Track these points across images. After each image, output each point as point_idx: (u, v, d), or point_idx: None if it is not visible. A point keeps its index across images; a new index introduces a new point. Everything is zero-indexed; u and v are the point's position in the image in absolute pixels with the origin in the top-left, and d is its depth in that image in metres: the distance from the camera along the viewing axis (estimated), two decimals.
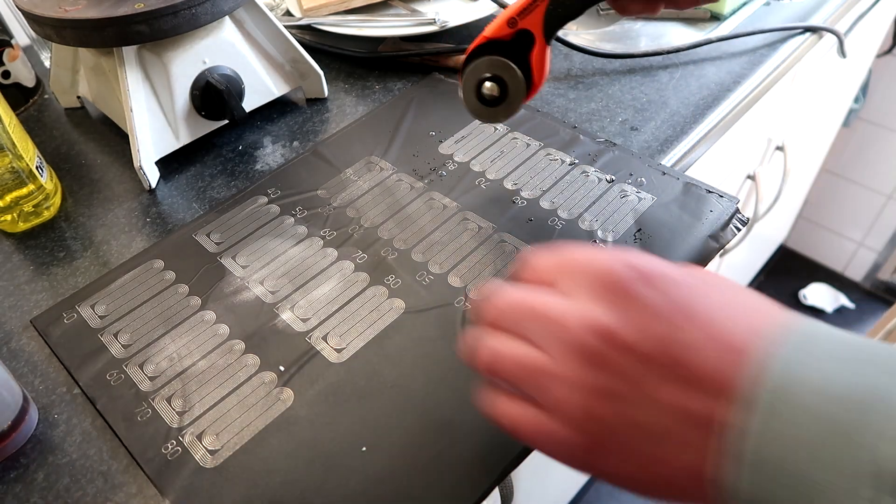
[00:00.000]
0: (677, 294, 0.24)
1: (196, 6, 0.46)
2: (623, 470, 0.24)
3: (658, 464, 0.23)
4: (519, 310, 0.27)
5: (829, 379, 0.20)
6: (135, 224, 0.48)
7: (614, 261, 0.25)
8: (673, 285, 0.24)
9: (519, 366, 0.26)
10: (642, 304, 0.24)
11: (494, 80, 0.41)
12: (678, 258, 0.40)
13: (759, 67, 0.58)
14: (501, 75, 0.41)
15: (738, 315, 0.23)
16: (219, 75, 0.50)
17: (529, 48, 0.40)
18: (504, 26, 0.40)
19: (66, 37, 0.46)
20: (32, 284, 0.44)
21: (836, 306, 1.54)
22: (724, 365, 0.22)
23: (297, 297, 0.41)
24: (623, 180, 0.46)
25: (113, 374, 0.38)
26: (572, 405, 0.24)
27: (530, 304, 0.26)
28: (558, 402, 0.25)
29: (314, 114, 0.57)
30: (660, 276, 0.24)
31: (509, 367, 0.26)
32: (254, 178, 0.51)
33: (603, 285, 0.25)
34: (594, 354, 0.24)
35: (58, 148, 0.57)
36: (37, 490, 0.34)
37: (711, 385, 0.22)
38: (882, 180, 1.43)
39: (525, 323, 0.26)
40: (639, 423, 0.23)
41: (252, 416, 0.35)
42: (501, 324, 0.27)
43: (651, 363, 0.23)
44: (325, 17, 0.64)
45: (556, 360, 0.25)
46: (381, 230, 0.45)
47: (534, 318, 0.26)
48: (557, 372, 0.24)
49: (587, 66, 0.60)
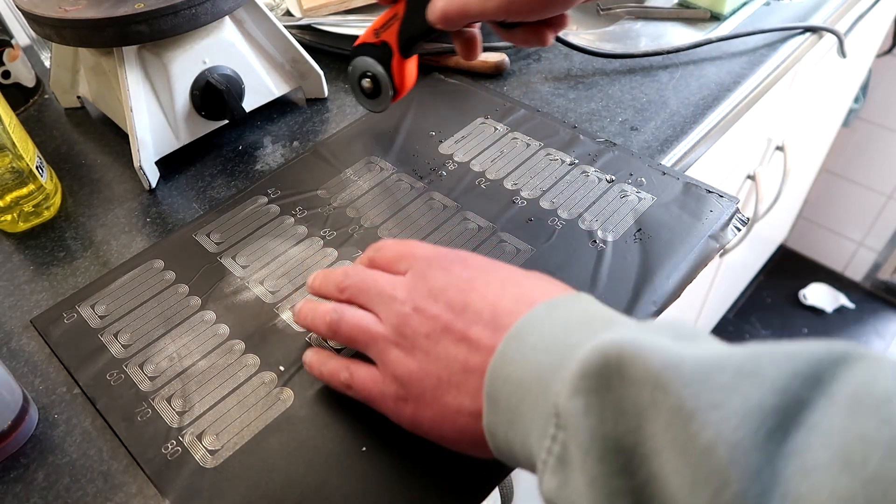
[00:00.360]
0: (475, 272, 0.31)
1: (196, 6, 0.46)
2: (427, 417, 0.29)
3: (450, 411, 0.29)
4: (364, 283, 0.33)
5: (552, 335, 0.26)
6: (135, 224, 0.48)
7: (438, 251, 0.33)
8: (473, 268, 0.32)
9: (360, 329, 0.32)
10: (447, 283, 0.31)
11: (369, 77, 0.48)
12: (678, 258, 0.40)
13: (759, 67, 0.58)
14: (375, 74, 0.47)
15: (511, 293, 0.30)
16: (219, 75, 0.50)
17: (391, 57, 0.46)
18: (371, 34, 0.46)
19: (66, 37, 0.46)
20: (32, 284, 0.44)
21: (836, 306, 1.54)
22: (492, 330, 0.28)
23: (297, 297, 0.41)
24: (623, 180, 0.46)
25: (113, 374, 0.38)
26: (396, 362, 0.30)
27: (374, 278, 0.33)
28: (387, 361, 0.31)
29: (314, 114, 0.57)
30: (468, 259, 0.33)
31: (353, 330, 0.32)
32: (254, 178, 0.51)
33: (427, 266, 0.32)
34: (410, 321, 0.30)
35: (58, 148, 0.57)
36: (37, 490, 0.34)
37: (483, 344, 0.28)
38: (882, 180, 1.43)
39: (368, 294, 0.33)
40: (437, 374, 0.29)
41: (252, 416, 0.35)
42: (347, 293, 0.34)
43: (447, 329, 0.29)
44: (325, 17, 0.64)
45: (386, 326, 0.31)
46: (382, 230, 0.45)
47: (375, 292, 0.33)
48: (388, 335, 0.31)
49: (587, 66, 0.60)
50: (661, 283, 0.39)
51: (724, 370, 0.20)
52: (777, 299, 1.57)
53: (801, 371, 0.19)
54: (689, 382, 0.20)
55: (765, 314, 1.55)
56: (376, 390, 0.31)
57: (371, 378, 0.32)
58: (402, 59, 0.46)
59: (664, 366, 0.21)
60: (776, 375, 0.19)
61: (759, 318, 1.54)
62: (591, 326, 0.26)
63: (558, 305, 0.28)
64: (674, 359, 0.21)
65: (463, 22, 0.39)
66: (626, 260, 0.41)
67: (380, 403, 0.32)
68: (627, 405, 0.21)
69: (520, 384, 0.25)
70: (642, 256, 0.41)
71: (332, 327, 0.33)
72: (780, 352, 0.20)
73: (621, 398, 0.22)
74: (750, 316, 1.54)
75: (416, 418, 0.30)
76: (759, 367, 0.20)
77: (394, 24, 0.45)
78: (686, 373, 0.20)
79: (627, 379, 0.22)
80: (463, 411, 0.28)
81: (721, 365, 0.20)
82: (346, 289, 0.34)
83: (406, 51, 0.46)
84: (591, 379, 0.22)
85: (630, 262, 0.41)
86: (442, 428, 0.29)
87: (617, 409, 0.22)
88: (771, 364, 0.20)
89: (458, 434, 0.29)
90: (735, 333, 1.51)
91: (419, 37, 0.44)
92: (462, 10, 0.38)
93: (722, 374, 0.20)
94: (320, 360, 0.35)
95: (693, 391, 0.20)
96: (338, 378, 0.33)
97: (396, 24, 0.44)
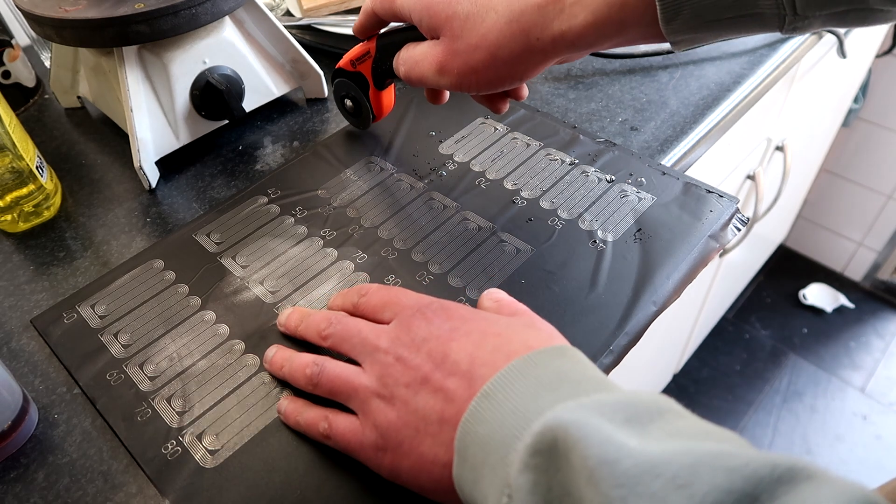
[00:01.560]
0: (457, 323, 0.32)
1: (196, 6, 0.46)
2: (405, 466, 0.29)
3: (426, 461, 0.29)
4: (348, 331, 0.34)
5: (520, 397, 0.26)
6: (135, 224, 0.48)
7: (421, 301, 0.34)
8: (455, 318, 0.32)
9: (342, 381, 0.32)
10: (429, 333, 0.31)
11: (351, 98, 0.50)
12: (678, 258, 0.40)
13: (759, 67, 0.58)
14: (356, 96, 0.49)
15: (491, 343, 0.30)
16: (219, 75, 0.50)
17: (368, 87, 0.48)
18: (348, 63, 0.48)
19: (66, 37, 0.46)
20: (32, 284, 0.44)
21: (835, 306, 1.54)
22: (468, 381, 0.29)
23: (297, 297, 0.41)
24: (623, 180, 0.46)
25: (113, 374, 0.38)
26: (378, 412, 0.30)
27: (358, 328, 0.33)
28: (368, 411, 0.31)
29: (314, 114, 0.57)
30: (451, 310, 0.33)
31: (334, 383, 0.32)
32: (254, 178, 0.51)
33: (410, 316, 0.32)
34: (393, 370, 0.31)
35: (58, 148, 0.57)
36: (37, 490, 0.34)
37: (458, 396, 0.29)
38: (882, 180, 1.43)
39: (351, 343, 0.33)
40: (415, 425, 0.29)
41: (252, 416, 0.35)
42: (330, 341, 0.34)
43: (426, 380, 0.30)
44: (325, 17, 0.64)
45: (369, 377, 0.31)
46: (381, 230, 0.45)
47: (359, 341, 0.33)
48: (371, 386, 0.31)
49: (587, 66, 0.60)
50: (661, 283, 0.39)
51: (659, 476, 0.20)
52: (777, 299, 1.57)
53: (736, 488, 0.19)
54: (619, 484, 0.20)
55: (765, 314, 1.55)
56: (356, 440, 0.31)
57: (351, 429, 0.31)
58: (378, 91, 0.48)
59: (600, 461, 0.20)
60: (707, 491, 0.19)
61: (759, 318, 1.54)
62: (559, 391, 0.26)
63: (534, 363, 0.28)
64: (611, 455, 0.21)
65: (424, 86, 0.42)
66: (626, 260, 0.41)
67: (359, 453, 0.31)
68: (572, 489, 0.21)
69: (485, 445, 0.26)
70: (642, 256, 0.41)
71: (312, 380, 0.33)
72: (722, 464, 0.20)
73: (566, 481, 0.22)
74: (750, 316, 1.55)
75: (394, 468, 0.30)
76: (695, 478, 0.19)
77: (367, 60, 0.46)
78: (619, 473, 0.20)
79: (571, 464, 0.22)
80: (438, 462, 0.28)
81: (657, 470, 0.20)
82: (328, 336, 0.34)
83: (380, 85, 0.48)
84: (541, 457, 0.23)
85: (630, 262, 0.41)
86: (419, 478, 0.29)
87: (563, 490, 0.22)
88: (707, 477, 0.19)
89: (435, 484, 0.29)
90: (735, 333, 1.51)
91: (391, 76, 0.46)
92: (420, 79, 0.41)
93: (655, 480, 0.20)
94: (296, 409, 0.34)
95: (622, 493, 0.20)
96: (316, 429, 0.33)
97: (369, 61, 0.46)
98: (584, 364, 0.29)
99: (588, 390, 0.26)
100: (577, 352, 0.30)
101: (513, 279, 0.40)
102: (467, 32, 0.38)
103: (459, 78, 0.39)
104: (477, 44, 0.37)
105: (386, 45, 0.45)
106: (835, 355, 1.46)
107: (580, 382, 0.27)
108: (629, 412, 0.23)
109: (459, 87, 0.40)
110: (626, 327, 0.37)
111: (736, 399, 1.40)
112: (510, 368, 0.28)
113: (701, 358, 1.46)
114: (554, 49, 0.36)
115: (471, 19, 0.37)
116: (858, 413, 1.36)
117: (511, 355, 0.29)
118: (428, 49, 0.40)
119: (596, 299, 0.39)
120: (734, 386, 1.42)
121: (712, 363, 1.46)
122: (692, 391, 1.41)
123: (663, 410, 0.24)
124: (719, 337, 1.50)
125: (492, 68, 0.38)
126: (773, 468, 0.19)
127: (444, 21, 0.38)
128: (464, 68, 0.39)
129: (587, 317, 0.38)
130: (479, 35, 0.37)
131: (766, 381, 1.43)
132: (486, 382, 0.28)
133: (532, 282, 0.40)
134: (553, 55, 0.37)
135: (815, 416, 1.36)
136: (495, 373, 0.28)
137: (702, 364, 1.46)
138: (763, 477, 0.19)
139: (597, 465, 0.20)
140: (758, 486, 0.19)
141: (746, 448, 0.21)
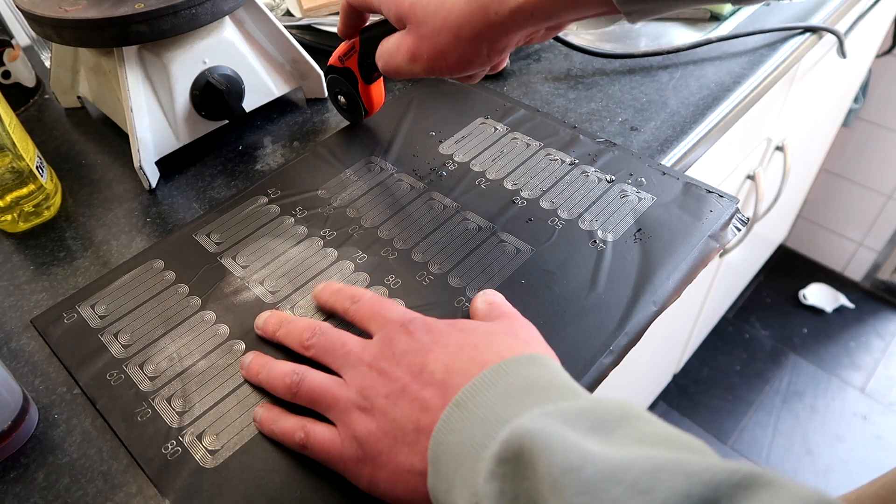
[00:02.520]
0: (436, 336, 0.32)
1: (196, 6, 0.46)
2: (383, 477, 0.30)
3: (402, 470, 0.29)
4: (331, 343, 0.34)
5: (490, 406, 0.27)
6: (135, 224, 0.48)
7: (405, 316, 0.34)
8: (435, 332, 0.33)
9: (322, 391, 0.32)
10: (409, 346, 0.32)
11: (344, 94, 0.51)
12: (678, 258, 0.40)
13: (759, 67, 0.58)
14: (348, 92, 0.50)
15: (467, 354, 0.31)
16: (219, 75, 0.50)
17: (357, 82, 0.49)
18: (337, 60, 0.49)
19: (66, 37, 0.46)
20: (32, 284, 0.44)
21: (835, 306, 1.54)
22: (443, 391, 0.29)
23: (297, 297, 0.41)
24: (623, 180, 0.46)
25: (113, 374, 0.38)
26: (357, 423, 0.31)
27: (342, 340, 0.34)
28: (348, 422, 0.31)
29: (314, 114, 0.57)
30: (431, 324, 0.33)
31: (314, 392, 0.33)
32: (254, 178, 0.51)
33: (394, 331, 0.33)
34: (374, 382, 0.31)
35: (58, 148, 0.57)
36: (37, 490, 0.34)
37: (433, 405, 0.29)
38: (882, 180, 1.43)
39: (334, 355, 0.34)
40: (392, 434, 0.30)
41: (252, 416, 0.35)
42: (312, 351, 0.35)
43: (404, 391, 0.30)
44: (325, 17, 0.64)
45: (351, 388, 0.32)
46: (381, 230, 0.45)
47: (342, 352, 0.33)
48: (352, 398, 0.31)
49: (587, 66, 0.60)
50: (661, 283, 0.39)
51: (621, 483, 0.20)
52: (777, 299, 1.57)
53: (695, 493, 0.19)
54: (581, 491, 0.20)
55: (765, 314, 1.55)
56: (335, 452, 0.31)
57: (329, 438, 0.31)
58: (367, 84, 0.49)
59: (563, 469, 0.21)
60: (667, 496, 0.19)
61: (759, 318, 1.54)
62: (526, 399, 0.27)
63: (504, 371, 0.29)
64: (574, 463, 0.21)
65: (401, 77, 0.43)
66: (626, 260, 0.41)
67: (338, 465, 0.31)
68: (538, 497, 0.22)
69: (456, 455, 0.26)
70: (642, 256, 0.41)
71: (291, 389, 0.33)
72: (682, 469, 0.20)
73: (532, 490, 0.22)
74: (750, 316, 1.55)
75: (372, 479, 0.30)
76: (655, 483, 0.20)
77: (353, 55, 0.48)
78: (582, 480, 0.20)
79: (536, 472, 0.22)
80: (413, 471, 0.29)
81: (618, 477, 0.20)
82: (311, 347, 0.35)
83: (367, 79, 0.49)
84: (507, 465, 0.23)
85: (630, 262, 0.41)
86: (395, 488, 0.29)
87: (529, 499, 0.22)
88: (668, 482, 0.20)
89: (411, 494, 0.29)
90: (735, 333, 1.51)
91: (376, 70, 0.46)
92: (396, 69, 0.42)
93: (616, 487, 0.20)
94: (272, 417, 0.34)
95: (584, 501, 0.20)
96: (292, 438, 0.32)
97: (355, 56, 0.47)
98: (555, 371, 0.29)
99: (555, 398, 0.27)
100: (550, 359, 0.30)
101: (513, 279, 0.40)
102: (430, 17, 0.38)
103: (430, 62, 0.40)
104: (441, 26, 0.38)
105: (367, 38, 0.46)
106: (835, 355, 1.46)
107: (548, 390, 0.27)
108: (593, 419, 0.24)
109: (432, 72, 0.41)
110: (626, 327, 0.37)
111: (736, 399, 1.40)
112: (481, 378, 0.28)
113: (701, 358, 1.46)
114: (514, 22, 0.37)
115: (432, 3, 0.38)
116: (858, 413, 1.36)
117: (484, 365, 0.30)
118: (399, 39, 0.41)
119: (596, 299, 0.39)
120: (734, 386, 1.42)
121: (712, 363, 1.46)
122: (692, 391, 1.41)
123: (629, 416, 0.24)
124: (719, 337, 1.50)
125: (457, 49, 0.39)
126: (733, 474, 0.19)
127: (409, 9, 0.39)
128: (432, 52, 0.39)
129: (587, 317, 0.38)
130: (442, 18, 0.38)
131: (766, 381, 1.43)
132: (459, 391, 0.28)
133: (532, 282, 0.40)
134: (514, 29, 0.37)
135: (815, 416, 1.36)
136: (468, 381, 0.29)
137: (702, 364, 1.46)
138: (722, 482, 0.19)
139: (560, 473, 0.21)
140: (717, 489, 0.19)
141: (709, 455, 0.22)
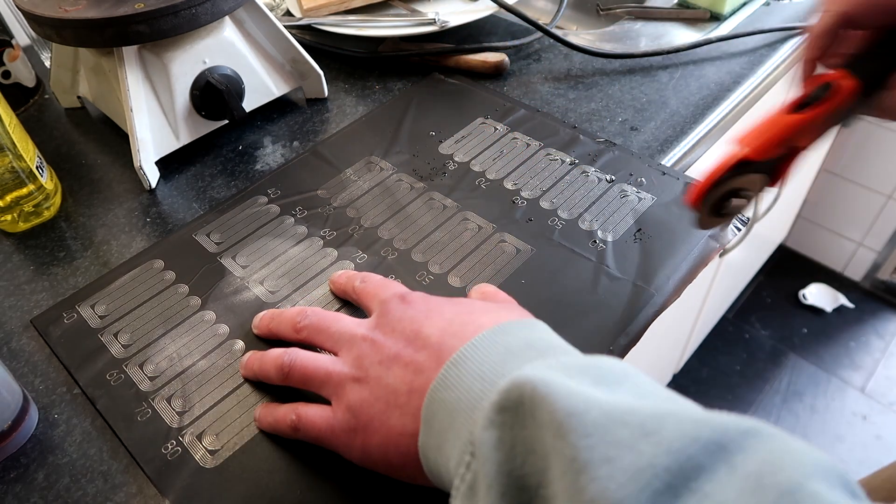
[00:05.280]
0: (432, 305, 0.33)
1: (196, 6, 0.46)
2: (374, 443, 0.30)
3: (394, 433, 0.29)
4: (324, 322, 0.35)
5: (488, 363, 0.27)
6: (135, 224, 0.48)
7: (403, 289, 0.35)
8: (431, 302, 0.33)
9: (315, 368, 0.32)
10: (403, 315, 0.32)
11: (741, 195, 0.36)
12: (678, 258, 0.40)
13: (759, 67, 0.58)
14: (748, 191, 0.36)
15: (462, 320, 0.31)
16: (219, 75, 0.50)
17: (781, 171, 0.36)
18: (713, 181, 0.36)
19: (66, 37, 0.46)
20: (32, 284, 0.44)
21: (835, 306, 1.54)
22: (437, 353, 0.29)
23: (297, 297, 0.41)
24: (623, 180, 0.46)
25: (113, 374, 0.38)
26: (351, 393, 0.31)
27: (336, 317, 0.35)
28: (342, 394, 0.31)
29: (314, 114, 0.57)
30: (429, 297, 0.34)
31: (307, 370, 0.33)
32: (254, 178, 0.51)
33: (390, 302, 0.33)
34: (369, 352, 0.31)
35: (58, 148, 0.57)
36: (37, 490, 0.34)
37: (427, 366, 0.29)
38: (882, 180, 1.43)
39: (328, 332, 0.34)
40: (385, 398, 0.30)
41: (252, 416, 0.35)
42: (304, 332, 0.35)
43: (397, 356, 0.30)
44: (325, 17, 0.64)
45: (345, 363, 0.32)
46: (381, 230, 0.45)
47: (336, 329, 0.34)
48: (347, 371, 0.31)
49: (587, 66, 0.60)
50: (661, 284, 0.39)
51: (627, 425, 0.20)
52: (777, 299, 1.57)
53: (703, 436, 0.19)
54: (588, 433, 0.20)
55: (765, 314, 1.55)
56: (325, 426, 0.31)
57: (320, 415, 0.32)
58: None
59: (568, 413, 0.20)
60: (675, 437, 0.19)
61: (759, 318, 1.54)
62: (525, 355, 0.27)
63: (503, 331, 0.29)
64: (579, 406, 0.21)
65: None
66: (626, 260, 0.41)
67: (330, 440, 0.31)
68: (537, 446, 0.21)
69: (451, 410, 0.26)
70: (642, 256, 0.41)
71: (283, 369, 0.33)
72: (689, 416, 0.20)
73: (532, 438, 0.22)
74: (750, 316, 1.54)
75: (365, 448, 0.30)
76: (662, 426, 0.19)
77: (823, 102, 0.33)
78: (587, 423, 0.20)
79: (537, 420, 0.22)
80: (406, 432, 0.29)
81: (624, 419, 0.20)
82: (302, 328, 0.35)
83: None
84: (507, 413, 0.23)
85: (630, 262, 0.41)
86: (388, 453, 0.29)
87: (527, 447, 0.22)
88: (674, 425, 0.19)
89: (403, 458, 0.29)
90: (735, 333, 1.51)
91: None
92: None
93: (623, 428, 0.20)
94: (267, 410, 0.34)
95: (590, 443, 0.19)
96: (285, 422, 0.33)
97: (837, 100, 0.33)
98: (553, 336, 0.29)
99: (556, 354, 0.27)
100: (547, 326, 0.30)
101: (513, 279, 0.40)
102: None
103: None
104: None
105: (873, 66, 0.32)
106: (835, 355, 1.46)
107: (547, 349, 0.27)
108: (596, 374, 0.24)
109: None
110: (626, 327, 0.37)
111: (736, 399, 1.40)
112: (480, 338, 0.28)
113: (701, 358, 1.46)
114: None
115: None
116: (858, 413, 1.36)
117: (481, 328, 0.29)
118: None
119: (596, 299, 0.39)
120: (734, 386, 1.42)
121: (712, 363, 1.46)
122: (692, 391, 1.41)
123: (630, 375, 0.24)
124: (719, 337, 1.50)
125: None
126: (739, 422, 0.19)
127: None
128: None
129: (587, 317, 0.38)
130: None
131: (766, 381, 1.43)
132: (454, 352, 0.28)
133: (532, 282, 0.40)
134: None
135: (815, 416, 1.36)
136: (464, 343, 0.28)
137: (702, 364, 1.46)
138: (730, 428, 0.19)
139: (565, 416, 0.20)
140: (725, 434, 0.19)
141: None
